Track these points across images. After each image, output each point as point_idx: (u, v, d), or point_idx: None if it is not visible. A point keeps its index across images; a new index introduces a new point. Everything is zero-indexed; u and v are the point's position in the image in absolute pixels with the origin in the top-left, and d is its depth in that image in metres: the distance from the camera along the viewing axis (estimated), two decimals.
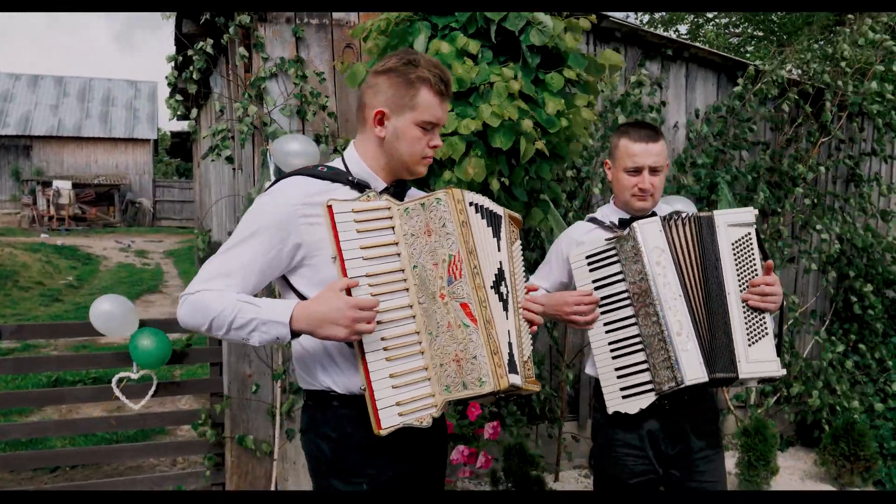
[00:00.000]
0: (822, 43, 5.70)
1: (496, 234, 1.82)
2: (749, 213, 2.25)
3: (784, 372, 2.19)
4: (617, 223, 2.40)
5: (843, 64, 5.41)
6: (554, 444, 4.82)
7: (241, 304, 1.67)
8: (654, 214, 2.37)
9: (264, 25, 4.04)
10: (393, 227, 1.73)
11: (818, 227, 5.42)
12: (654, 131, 2.35)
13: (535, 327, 1.90)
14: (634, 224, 2.25)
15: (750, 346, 2.17)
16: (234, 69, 4.45)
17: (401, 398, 1.67)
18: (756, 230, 2.25)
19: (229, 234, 5.65)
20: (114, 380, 3.75)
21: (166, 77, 4.26)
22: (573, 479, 4.79)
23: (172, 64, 4.43)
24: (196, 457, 4.59)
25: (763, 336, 2.19)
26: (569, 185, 4.61)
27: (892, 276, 5.68)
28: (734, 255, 2.22)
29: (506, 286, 1.79)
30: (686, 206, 4.47)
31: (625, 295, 2.27)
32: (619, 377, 2.27)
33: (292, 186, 1.78)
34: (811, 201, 5.56)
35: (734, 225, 2.24)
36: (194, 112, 8.46)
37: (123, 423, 4.03)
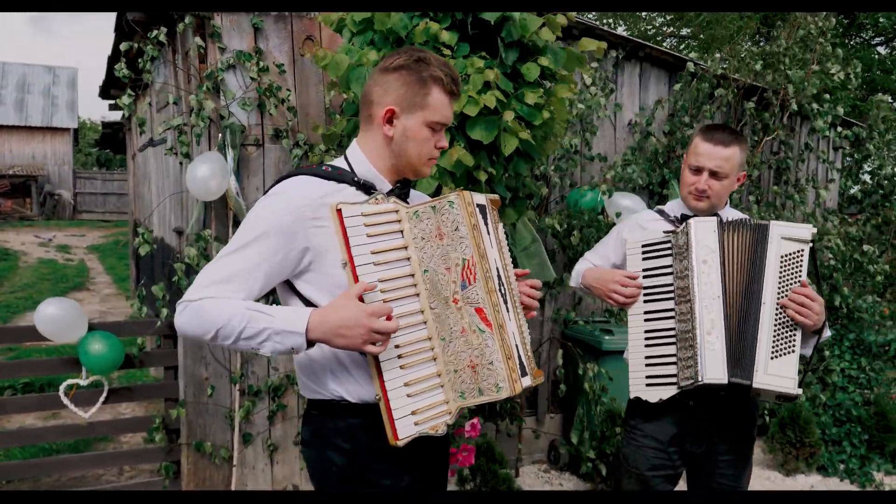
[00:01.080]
0: (762, 44, 5.89)
1: (487, 228, 1.78)
2: (806, 231, 2.23)
3: (800, 392, 2.18)
4: (679, 217, 2.43)
5: (782, 66, 5.59)
6: (513, 440, 4.82)
7: (252, 312, 1.58)
8: (716, 216, 2.36)
9: (220, 14, 3.87)
10: (402, 231, 1.67)
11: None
12: (731, 137, 2.32)
13: (533, 313, 1.90)
14: (691, 220, 2.28)
15: (772, 358, 2.18)
16: (186, 59, 4.26)
17: (416, 406, 1.62)
18: (812, 249, 2.24)
19: (175, 230, 5.42)
20: (62, 387, 3.54)
21: (116, 67, 4.03)
22: (533, 475, 4.81)
23: (119, 52, 4.20)
24: (146, 465, 4.39)
25: (789, 353, 2.19)
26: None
27: (828, 270, 5.91)
28: (780, 267, 2.21)
29: (503, 284, 1.76)
30: (634, 203, 4.55)
31: (669, 288, 2.30)
32: (647, 365, 2.30)
33: (298, 187, 1.70)
34: (755, 198, 5.74)
35: (788, 238, 2.23)
36: (125, 99, 8.11)
37: (69, 432, 3.81)
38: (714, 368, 2.16)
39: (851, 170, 7.03)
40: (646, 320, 2.32)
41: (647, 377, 2.29)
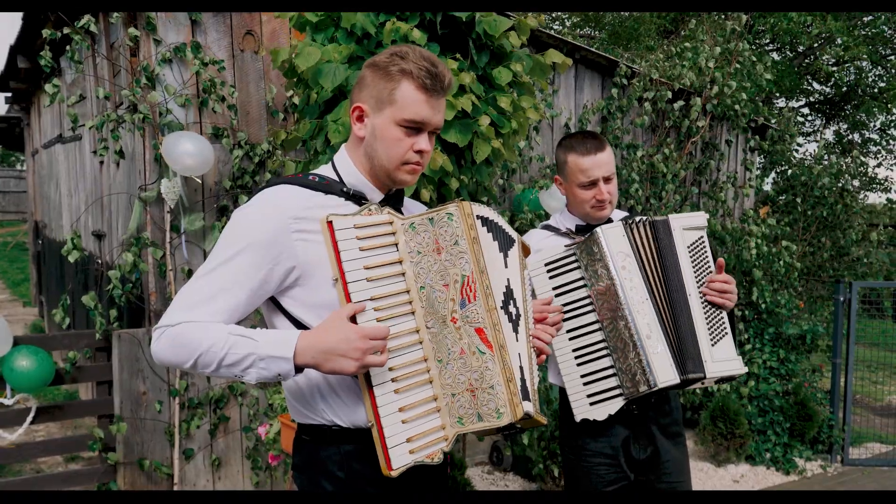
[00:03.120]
0: (686, 46, 6.08)
1: (502, 249, 1.69)
2: (701, 217, 2.29)
3: (745, 370, 2.24)
4: (574, 230, 2.38)
5: (705, 67, 5.81)
6: (458, 443, 4.79)
7: (234, 337, 1.45)
8: (609, 220, 2.36)
9: None
10: (396, 244, 1.57)
11: None
12: (598, 140, 2.31)
13: (542, 357, 1.76)
14: (598, 230, 2.22)
15: (713, 345, 2.21)
16: (112, 51, 3.99)
17: (411, 433, 1.52)
18: (706, 233, 2.30)
19: (94, 234, 5.10)
20: None
21: (40, 56, 3.72)
22: (478, 476, 4.80)
23: (28, 41, 3.89)
24: (77, 488, 4.09)
25: (724, 335, 2.23)
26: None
27: (748, 266, 6.19)
28: (691, 257, 2.25)
29: (515, 305, 1.67)
30: (559, 202, 4.59)
31: (587, 301, 2.24)
32: (585, 384, 2.23)
33: (282, 197, 1.56)
34: (681, 197, 5.94)
35: (689, 228, 2.26)
36: (49, 89, 7.56)
37: None
38: (664, 371, 2.15)
39: (766, 170, 7.38)
40: (571, 339, 2.25)
41: (589, 395, 2.23)
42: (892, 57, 16.53)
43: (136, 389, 3.65)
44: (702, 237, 2.29)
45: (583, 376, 2.24)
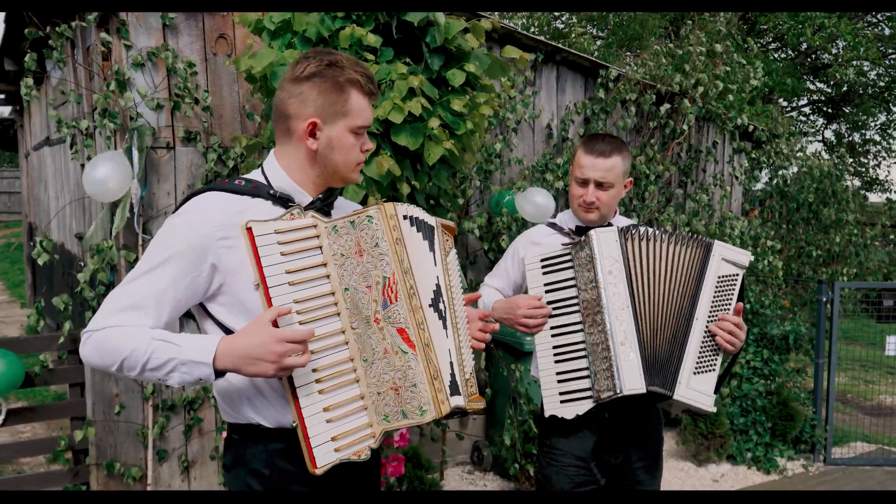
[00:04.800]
0: (671, 46, 6.08)
1: (432, 247, 1.72)
2: (744, 256, 2.27)
3: (714, 410, 2.22)
4: (574, 229, 2.41)
5: (688, 68, 5.81)
6: (437, 443, 4.81)
7: (157, 342, 1.49)
8: (610, 226, 2.37)
9: None
10: (321, 247, 1.60)
11: (666, 223, 5.78)
12: (611, 147, 2.31)
13: (481, 345, 1.84)
14: (592, 232, 2.25)
15: (695, 373, 2.19)
16: (88, 55, 4.02)
17: (336, 432, 1.56)
18: (743, 276, 2.29)
19: (77, 236, 5.13)
20: None
21: (25, 61, 3.75)
22: (458, 477, 4.81)
23: (12, 43, 3.92)
24: (52, 488, 4.13)
25: (709, 370, 2.21)
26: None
27: None
28: (716, 288, 2.23)
29: (443, 302, 1.70)
30: (545, 198, 4.59)
31: (574, 301, 2.26)
32: (559, 381, 2.26)
33: (207, 205, 1.60)
34: (665, 198, 5.94)
35: (728, 261, 2.25)
36: (24, 90, 7.61)
37: None
38: (632, 379, 2.15)
39: (753, 172, 7.37)
40: (553, 335, 2.29)
41: (561, 393, 2.25)
42: (894, 56, 16.46)
43: (109, 391, 3.68)
44: (736, 274, 2.27)
45: (558, 374, 2.27)
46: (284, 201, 1.65)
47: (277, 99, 1.69)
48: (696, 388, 2.17)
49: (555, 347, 2.28)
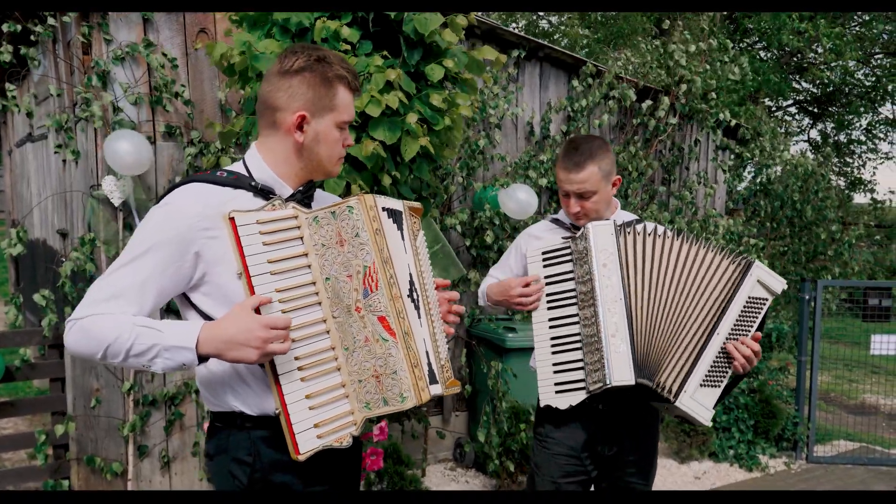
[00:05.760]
0: (657, 44, 6.12)
1: (402, 234, 1.74)
2: (780, 284, 2.29)
3: (710, 425, 2.27)
4: (575, 224, 2.45)
5: (672, 63, 5.84)
6: (418, 440, 4.81)
7: (140, 328, 1.50)
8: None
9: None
10: (302, 238, 1.62)
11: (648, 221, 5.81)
12: (584, 157, 2.31)
13: (451, 329, 1.86)
14: (588, 225, 2.29)
15: (702, 386, 2.21)
16: (69, 50, 4.01)
17: (318, 419, 1.58)
18: (770, 302, 2.31)
19: (59, 232, 5.10)
20: None
21: (1, 54, 3.72)
22: (440, 474, 4.82)
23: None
24: (32, 484, 4.10)
25: (716, 385, 2.24)
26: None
27: None
28: (745, 307, 2.25)
29: (416, 291, 1.73)
30: (528, 194, 4.60)
31: (572, 294, 2.31)
32: (555, 372, 2.30)
33: (190, 197, 1.62)
34: (648, 195, 5.96)
35: (762, 284, 2.27)
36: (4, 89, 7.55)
37: None
38: (621, 370, 2.18)
39: (737, 170, 7.41)
40: (551, 327, 2.33)
41: (556, 384, 2.29)
42: (880, 56, 16.58)
43: (90, 386, 3.66)
44: (766, 299, 2.29)
45: (554, 364, 2.32)
46: (266, 193, 1.67)
47: (263, 91, 1.70)
48: (699, 400, 2.20)
49: (552, 339, 2.33)
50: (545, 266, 2.36)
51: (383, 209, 1.70)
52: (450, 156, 2.92)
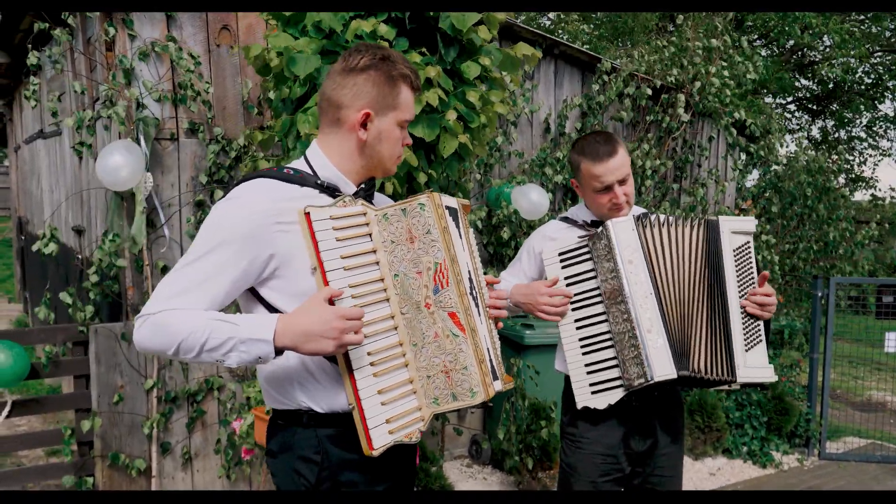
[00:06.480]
0: (673, 41, 6.13)
1: (459, 232, 1.76)
2: (751, 223, 2.29)
3: (776, 378, 2.25)
4: (589, 223, 2.42)
5: (686, 62, 5.86)
6: (435, 437, 4.83)
7: (215, 322, 1.49)
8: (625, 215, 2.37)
9: None
10: (370, 234, 1.62)
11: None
12: (610, 144, 2.30)
13: (500, 324, 1.87)
14: (609, 222, 2.26)
15: (747, 350, 2.21)
16: (89, 46, 4.00)
17: (390, 414, 1.58)
18: (752, 239, 2.31)
19: (74, 229, 5.10)
20: None
21: (28, 57, 3.71)
22: (457, 470, 4.83)
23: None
24: (51, 482, 4.10)
25: (758, 342, 2.24)
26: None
27: None
28: (735, 261, 2.26)
29: (475, 288, 1.74)
30: (540, 195, 4.62)
31: (596, 292, 2.28)
32: (588, 373, 2.28)
33: (260, 191, 1.61)
34: (661, 193, 5.98)
35: (737, 232, 2.27)
36: (28, 89, 7.53)
37: None
38: (661, 365, 2.18)
39: (747, 166, 7.43)
40: (578, 328, 2.30)
41: (592, 384, 2.27)
42: (880, 54, 16.63)
43: (114, 383, 3.66)
44: (748, 242, 2.30)
45: (587, 365, 2.29)
46: (331, 190, 1.67)
47: (326, 89, 1.70)
48: (753, 363, 2.21)
49: (581, 340, 2.29)
50: (564, 267, 2.32)
51: (446, 207, 1.71)
52: (481, 153, 2.93)
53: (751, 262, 2.29)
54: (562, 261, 2.33)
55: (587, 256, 2.30)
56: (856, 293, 8.68)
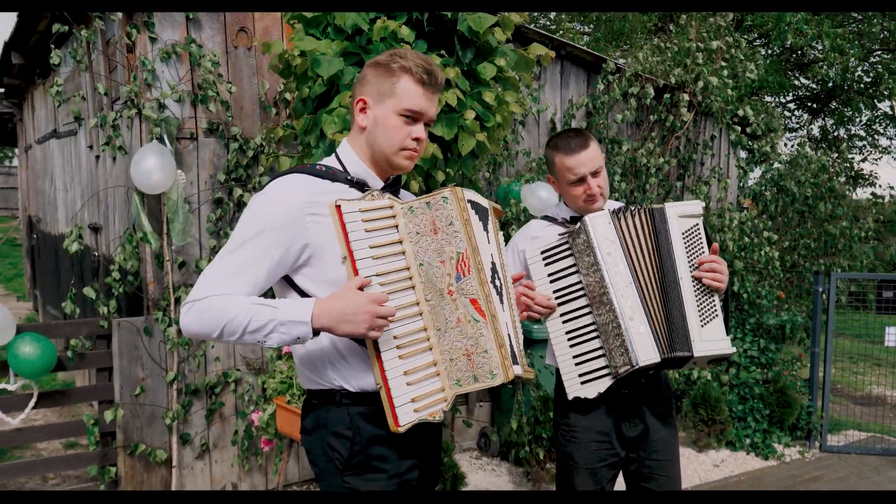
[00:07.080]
0: (675, 42, 6.23)
1: (486, 228, 1.87)
2: (697, 206, 2.41)
3: (734, 350, 2.36)
4: (569, 219, 2.52)
5: (688, 62, 5.96)
6: (446, 429, 4.93)
7: (256, 306, 1.62)
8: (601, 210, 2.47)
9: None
10: (397, 226, 1.73)
11: None
12: (581, 138, 2.42)
13: (525, 314, 1.98)
14: (585, 218, 2.36)
15: (703, 326, 2.34)
16: (108, 48, 4.10)
17: (415, 394, 1.69)
18: (702, 221, 2.43)
19: (91, 227, 5.19)
20: None
21: (51, 57, 3.81)
22: (466, 462, 4.93)
23: (22, 37, 3.98)
24: (71, 472, 4.21)
25: (714, 317, 2.37)
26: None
27: (728, 257, 6.34)
28: (685, 243, 2.38)
29: (499, 278, 1.85)
30: (549, 192, 4.72)
31: (579, 286, 2.38)
32: (577, 364, 2.38)
33: (294, 185, 1.75)
34: (665, 191, 6.08)
35: (684, 216, 2.39)
36: (53, 90, 7.63)
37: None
38: (645, 351, 2.28)
39: (749, 164, 7.54)
40: (564, 322, 2.40)
41: (581, 375, 2.37)
42: (879, 52, 16.72)
43: (136, 376, 3.76)
44: (696, 224, 2.40)
45: (574, 357, 2.39)
46: (360, 185, 1.80)
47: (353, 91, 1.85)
48: (708, 338, 2.32)
49: (567, 333, 2.39)
50: (546, 264, 2.42)
51: (469, 201, 1.81)
52: (496, 152, 3.03)
53: (701, 244, 2.39)
54: (544, 258, 2.42)
55: (568, 252, 2.39)
56: (856, 289, 8.78)
